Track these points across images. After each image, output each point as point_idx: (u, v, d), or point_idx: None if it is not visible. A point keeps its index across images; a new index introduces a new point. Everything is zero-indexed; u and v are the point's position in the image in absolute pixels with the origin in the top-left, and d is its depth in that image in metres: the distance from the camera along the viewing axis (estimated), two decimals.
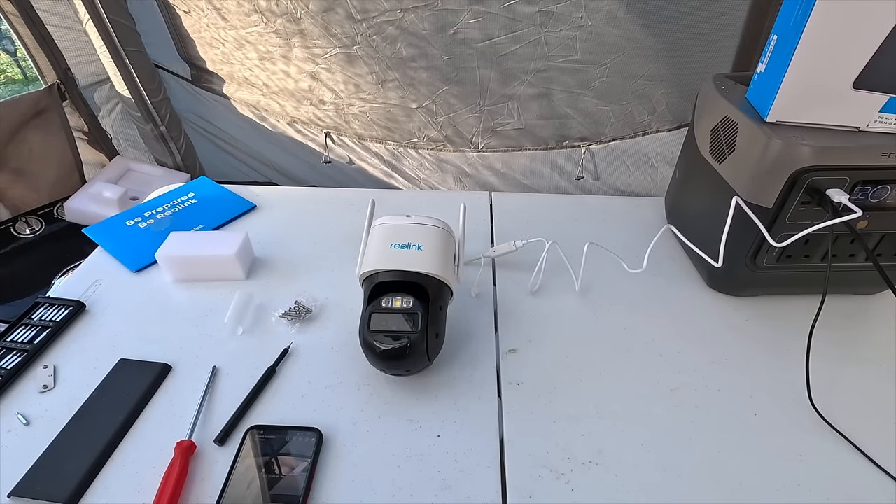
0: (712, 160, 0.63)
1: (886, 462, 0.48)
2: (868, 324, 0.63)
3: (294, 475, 0.45)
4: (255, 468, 0.46)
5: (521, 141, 1.14)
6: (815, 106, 0.52)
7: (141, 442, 0.50)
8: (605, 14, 0.87)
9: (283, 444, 0.48)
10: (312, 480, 0.46)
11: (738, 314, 0.64)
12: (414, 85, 1.10)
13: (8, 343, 0.60)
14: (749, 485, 0.47)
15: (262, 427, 0.50)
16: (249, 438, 0.49)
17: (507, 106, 1.07)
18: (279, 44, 1.13)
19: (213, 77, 1.41)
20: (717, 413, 0.53)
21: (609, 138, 1.09)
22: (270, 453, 0.47)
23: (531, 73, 1.00)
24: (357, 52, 1.06)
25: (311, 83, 1.21)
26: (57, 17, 1.51)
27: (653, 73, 0.94)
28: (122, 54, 1.45)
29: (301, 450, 0.48)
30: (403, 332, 0.50)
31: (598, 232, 0.79)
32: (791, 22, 0.50)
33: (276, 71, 1.23)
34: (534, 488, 0.46)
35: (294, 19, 1.03)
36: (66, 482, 0.46)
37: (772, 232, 0.55)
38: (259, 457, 0.47)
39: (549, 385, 0.56)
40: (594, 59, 0.94)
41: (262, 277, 0.70)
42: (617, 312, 0.65)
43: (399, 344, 0.50)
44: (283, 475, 0.46)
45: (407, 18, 0.96)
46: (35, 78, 1.74)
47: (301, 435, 0.49)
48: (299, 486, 0.44)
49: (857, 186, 0.52)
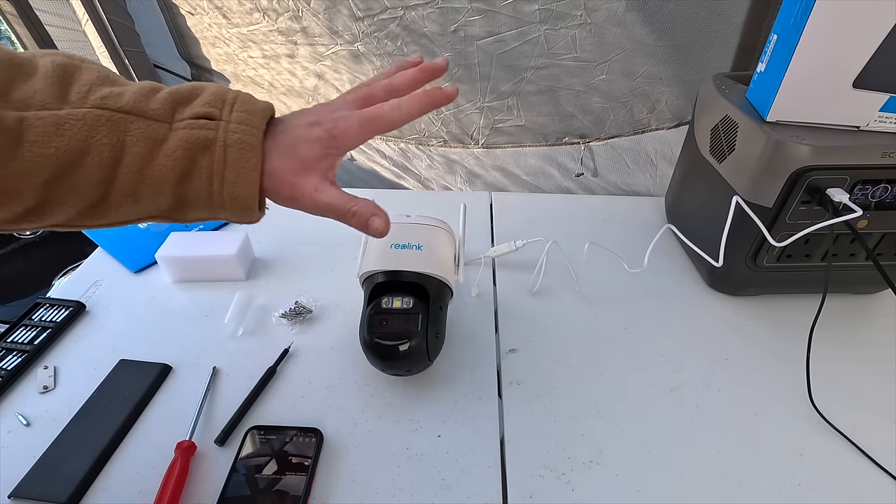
0: (712, 160, 0.63)
1: (886, 462, 0.48)
2: (868, 324, 0.63)
3: (294, 475, 0.46)
4: (255, 468, 0.46)
5: (522, 137, 1.14)
6: (815, 105, 0.52)
7: (141, 442, 0.50)
8: (606, 12, 0.87)
9: (284, 444, 0.48)
10: (313, 480, 0.46)
11: (738, 314, 0.64)
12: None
13: (8, 344, 0.60)
14: (749, 484, 0.47)
15: (263, 427, 0.50)
16: (250, 439, 0.49)
17: (508, 103, 1.07)
18: (283, 42, 1.13)
19: (215, 77, 1.41)
20: (718, 413, 0.53)
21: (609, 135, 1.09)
22: (271, 453, 0.47)
23: (532, 71, 1.00)
24: (360, 49, 1.06)
25: (316, 82, 1.21)
26: (55, 17, 1.51)
27: (653, 72, 0.94)
28: (121, 54, 1.45)
29: (301, 450, 0.48)
30: (403, 332, 0.50)
31: (598, 232, 0.79)
32: (791, 22, 0.50)
33: (281, 70, 1.23)
34: (534, 488, 0.46)
35: (296, 17, 1.03)
36: (66, 483, 0.46)
37: (772, 231, 0.55)
38: (259, 457, 0.47)
39: (549, 385, 0.56)
40: (595, 57, 0.94)
41: (262, 278, 0.70)
42: (617, 312, 0.65)
43: (399, 344, 0.50)
44: (283, 475, 0.46)
45: (409, 16, 0.96)
46: None
47: (301, 435, 0.49)
48: (300, 486, 0.45)
49: (858, 186, 0.52)
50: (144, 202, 0.35)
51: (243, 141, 0.35)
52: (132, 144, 0.34)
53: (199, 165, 0.35)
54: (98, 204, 0.34)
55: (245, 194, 0.36)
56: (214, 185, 0.35)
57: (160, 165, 0.34)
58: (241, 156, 0.35)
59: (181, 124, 0.35)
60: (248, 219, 0.38)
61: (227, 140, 0.35)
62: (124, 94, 0.35)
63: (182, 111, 0.36)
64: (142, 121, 0.34)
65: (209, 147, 0.35)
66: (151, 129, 0.34)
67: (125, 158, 0.34)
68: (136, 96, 0.35)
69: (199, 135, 0.35)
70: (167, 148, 0.34)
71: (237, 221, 0.38)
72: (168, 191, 0.35)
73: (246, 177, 0.36)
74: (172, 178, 0.35)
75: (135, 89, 0.35)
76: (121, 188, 0.34)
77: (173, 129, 0.35)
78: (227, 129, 0.35)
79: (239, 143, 0.35)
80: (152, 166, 0.34)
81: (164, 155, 0.34)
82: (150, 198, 0.35)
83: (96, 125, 0.33)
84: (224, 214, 0.37)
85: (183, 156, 0.34)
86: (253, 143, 0.36)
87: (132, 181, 0.34)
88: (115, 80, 0.36)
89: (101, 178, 0.33)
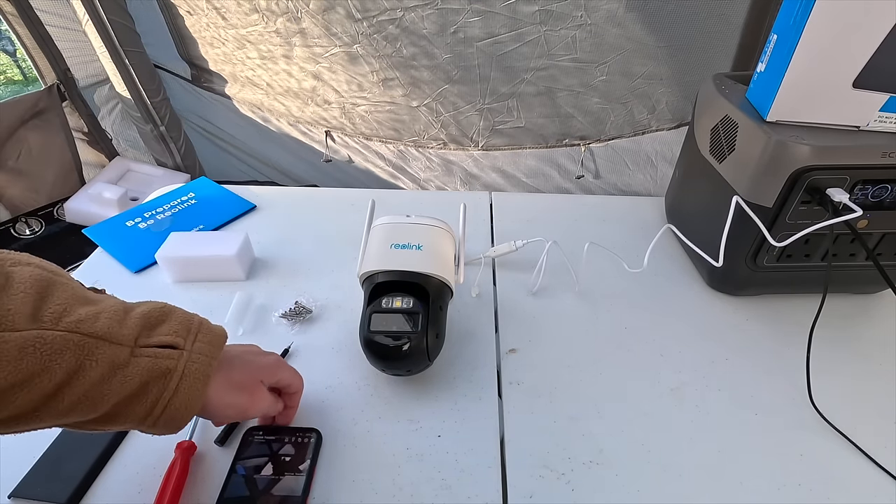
0: (712, 160, 0.63)
1: (886, 461, 0.48)
2: (868, 323, 0.63)
3: (293, 475, 0.45)
4: (254, 469, 0.46)
5: (522, 139, 1.14)
6: (815, 105, 0.52)
7: (141, 442, 0.50)
8: (605, 13, 0.87)
9: (283, 444, 0.48)
10: (312, 480, 0.46)
11: (738, 314, 0.64)
12: (415, 84, 1.09)
13: None
14: (749, 484, 0.47)
15: (262, 428, 0.50)
16: (248, 439, 0.49)
17: (507, 104, 1.07)
18: (280, 43, 1.13)
19: (213, 77, 1.41)
20: (718, 413, 0.53)
21: (609, 137, 1.09)
22: (270, 454, 0.47)
23: (532, 72, 1.00)
24: (358, 50, 1.06)
25: (314, 83, 1.21)
26: (56, 17, 1.51)
27: (653, 72, 0.94)
28: (121, 54, 1.45)
29: (300, 450, 0.47)
30: (404, 332, 0.50)
31: (598, 232, 0.79)
32: (791, 21, 0.50)
33: (278, 71, 1.23)
34: (534, 488, 0.46)
35: (294, 18, 1.03)
36: (66, 483, 0.46)
37: (772, 231, 0.55)
38: (258, 458, 0.47)
39: (549, 385, 0.56)
40: (594, 58, 0.94)
41: (262, 278, 0.70)
42: (617, 312, 0.65)
43: (399, 344, 0.50)
44: (282, 476, 0.46)
45: (408, 17, 0.96)
46: (35, 78, 1.74)
47: (300, 435, 0.49)
48: (298, 487, 0.44)
49: (858, 186, 0.52)
50: (74, 416, 0.34)
51: (200, 371, 0.37)
52: (90, 368, 0.33)
53: (149, 391, 0.35)
54: (22, 417, 0.32)
55: (184, 418, 0.37)
56: (156, 410, 0.35)
57: (109, 388, 0.33)
58: (194, 385, 0.37)
59: (147, 351, 0.35)
60: (170, 433, 0.38)
61: (185, 370, 0.36)
62: (99, 318, 0.34)
63: (148, 336, 0.36)
64: (108, 345, 0.34)
65: (167, 376, 0.36)
66: (115, 353, 0.34)
67: (76, 381, 0.32)
68: (110, 321, 0.34)
69: (162, 365, 0.35)
70: (126, 373, 0.34)
71: (155, 434, 0.38)
72: (104, 409, 0.34)
73: (192, 404, 0.37)
74: (115, 400, 0.34)
75: (109, 312, 0.35)
76: (56, 407, 0.32)
77: (135, 354, 0.35)
78: (190, 360, 0.37)
79: (196, 373, 0.37)
80: (102, 388, 0.33)
81: (119, 379, 0.34)
82: (82, 413, 0.34)
83: (63, 349, 0.32)
84: (147, 430, 0.37)
85: (139, 382, 0.34)
86: (208, 373, 0.38)
87: (73, 402, 0.33)
88: (88, 298, 0.36)
89: (40, 398, 0.32)
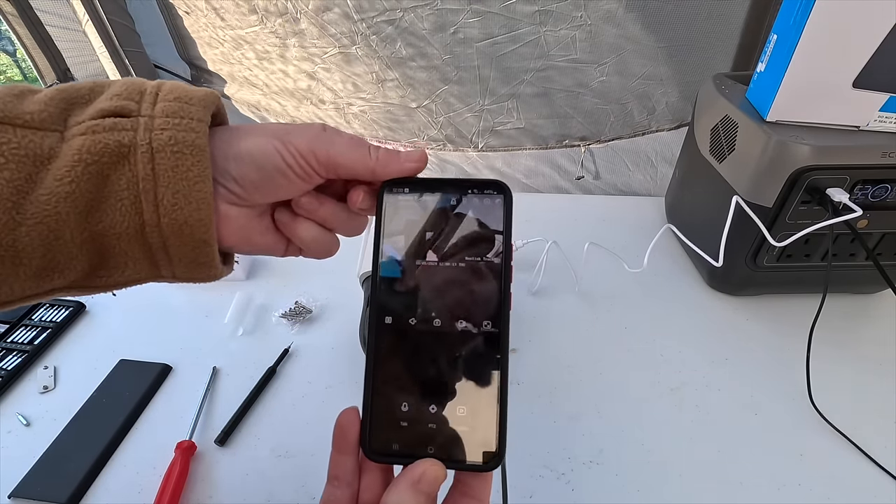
0: (712, 160, 0.63)
1: (886, 461, 0.48)
2: (868, 323, 0.63)
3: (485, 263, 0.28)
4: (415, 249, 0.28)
5: (522, 140, 1.14)
6: (815, 105, 0.52)
7: (141, 442, 0.50)
8: (604, 13, 0.87)
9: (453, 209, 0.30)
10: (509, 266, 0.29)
11: (738, 314, 0.64)
12: (413, 84, 1.09)
13: (8, 344, 0.60)
14: (749, 484, 0.47)
15: (404, 181, 0.30)
16: (389, 199, 0.29)
17: (506, 105, 1.07)
18: (276, 43, 1.12)
19: (213, 77, 1.41)
20: (718, 413, 0.53)
21: (609, 138, 1.09)
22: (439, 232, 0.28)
23: (531, 73, 1.00)
24: (356, 51, 1.06)
25: (309, 83, 1.21)
26: (56, 17, 1.51)
27: (652, 73, 0.94)
28: (121, 55, 1.45)
29: (484, 217, 0.29)
30: None
31: (598, 232, 0.79)
32: (791, 21, 0.50)
33: (274, 71, 1.23)
34: (534, 488, 0.46)
35: (293, 19, 1.03)
36: (66, 483, 0.46)
37: (772, 231, 0.55)
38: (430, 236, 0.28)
39: (549, 385, 0.56)
40: (593, 59, 0.94)
41: (262, 278, 0.70)
42: (617, 312, 0.65)
43: None
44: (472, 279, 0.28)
45: (406, 18, 0.95)
46: (35, 78, 1.73)
47: (478, 196, 0.30)
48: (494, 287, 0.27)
49: (857, 186, 0.52)
50: (31, 261, 0.23)
51: (177, 140, 0.24)
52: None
53: (114, 187, 0.23)
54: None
55: (194, 218, 0.24)
56: (145, 214, 0.24)
57: (47, 196, 0.22)
58: (177, 162, 0.24)
59: (78, 129, 0.23)
60: (206, 268, 0.26)
61: (151, 142, 0.24)
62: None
63: (79, 112, 0.24)
64: (10, 130, 0.22)
65: (126, 156, 0.23)
66: (27, 142, 0.22)
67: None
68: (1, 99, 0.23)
69: (106, 140, 0.23)
70: (56, 168, 0.22)
71: (190, 279, 0.27)
72: (68, 236, 0.23)
73: (190, 192, 0.24)
74: (72, 215, 0.23)
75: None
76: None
77: (65, 138, 0.23)
78: (152, 127, 0.24)
79: (172, 143, 0.24)
80: (32, 199, 0.22)
81: (52, 179, 0.22)
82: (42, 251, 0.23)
83: None
84: (170, 267, 0.26)
85: (83, 176, 0.23)
86: (193, 141, 0.24)
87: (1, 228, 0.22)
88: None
89: None
